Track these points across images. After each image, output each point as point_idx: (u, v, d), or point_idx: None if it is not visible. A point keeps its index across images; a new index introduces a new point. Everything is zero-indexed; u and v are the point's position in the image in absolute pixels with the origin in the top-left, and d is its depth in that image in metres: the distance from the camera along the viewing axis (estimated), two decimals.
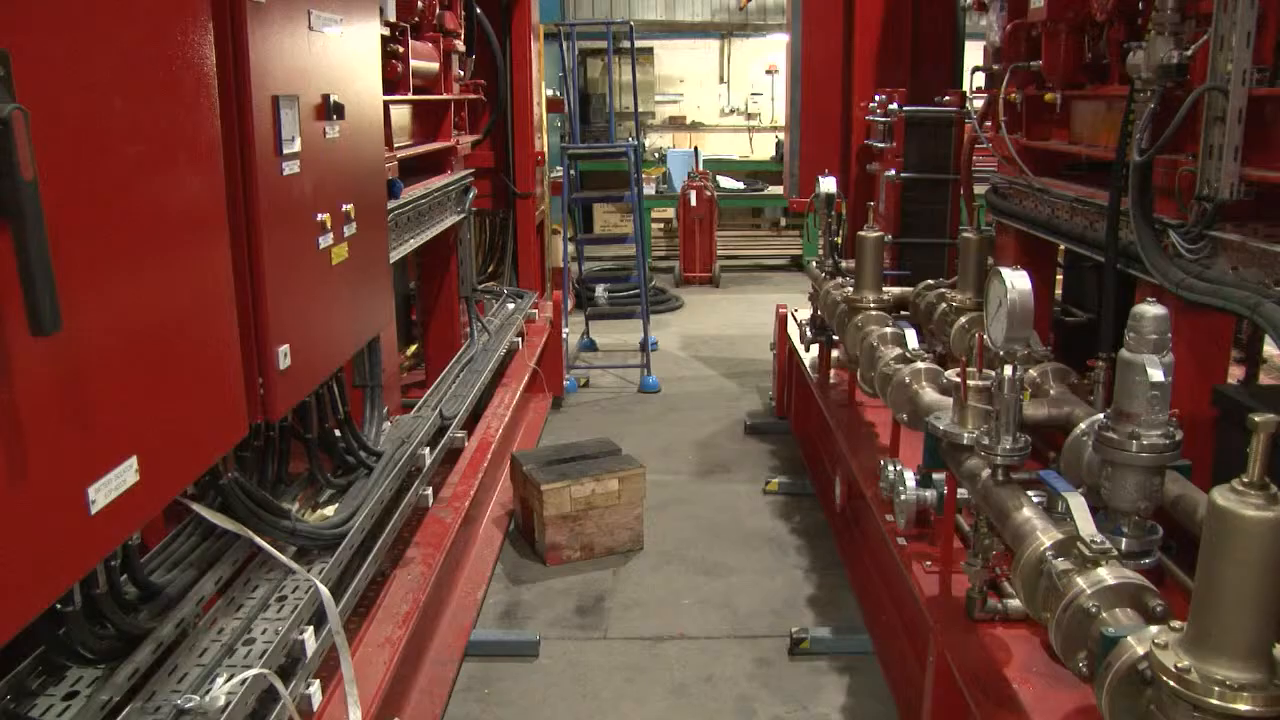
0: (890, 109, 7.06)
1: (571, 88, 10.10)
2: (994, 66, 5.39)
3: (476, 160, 7.85)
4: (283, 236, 2.99)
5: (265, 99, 2.84)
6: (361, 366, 4.36)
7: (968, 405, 3.48)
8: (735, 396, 8.91)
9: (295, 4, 3.07)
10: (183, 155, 2.38)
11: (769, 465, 7.23)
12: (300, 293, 3.15)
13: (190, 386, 2.44)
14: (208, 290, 2.53)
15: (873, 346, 4.85)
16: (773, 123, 18.33)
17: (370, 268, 3.92)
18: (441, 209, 6.22)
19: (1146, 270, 3.75)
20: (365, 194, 3.81)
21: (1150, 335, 2.90)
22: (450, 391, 5.77)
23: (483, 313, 7.54)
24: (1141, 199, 3.76)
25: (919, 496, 4.12)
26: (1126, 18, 4.21)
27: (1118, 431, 2.95)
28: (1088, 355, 4.38)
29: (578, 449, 6.12)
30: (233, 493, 3.05)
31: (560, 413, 8.51)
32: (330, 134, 3.36)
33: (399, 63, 5.21)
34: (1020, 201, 5.29)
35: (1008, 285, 3.47)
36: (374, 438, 4.37)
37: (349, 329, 3.72)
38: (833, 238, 6.49)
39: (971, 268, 5.27)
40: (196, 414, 2.48)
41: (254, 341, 2.85)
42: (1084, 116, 4.73)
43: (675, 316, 12.17)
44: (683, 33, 18.91)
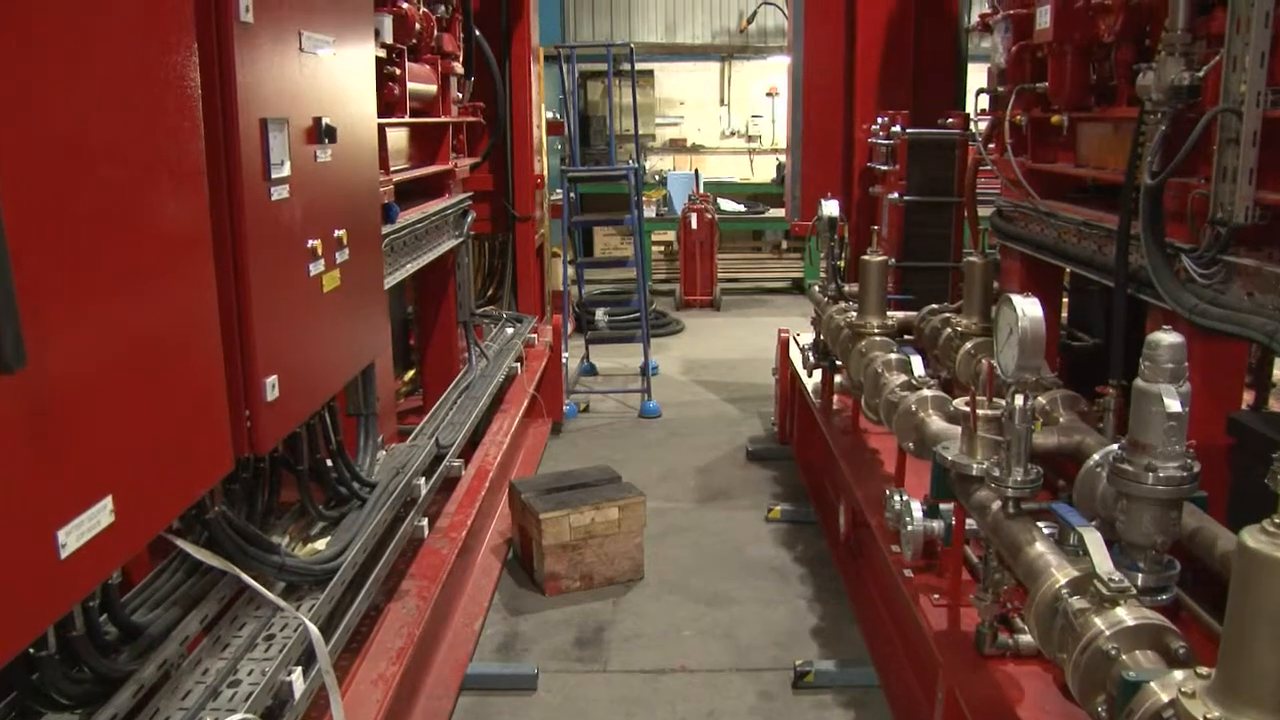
0: (893, 131, 6.99)
1: (571, 110, 10.06)
2: (998, 88, 5.31)
3: (475, 183, 7.77)
4: (271, 263, 2.90)
5: (253, 122, 2.76)
6: (355, 394, 4.27)
7: (977, 435, 3.38)
8: (736, 421, 8.81)
9: (285, 25, 2.99)
10: (164, 179, 2.29)
11: (771, 492, 7.13)
12: (289, 321, 3.06)
13: (171, 421, 2.35)
14: (190, 320, 2.44)
15: (877, 373, 4.76)
16: (773, 145, 18.28)
17: (364, 294, 3.83)
18: (439, 233, 6.14)
19: (1158, 296, 3.66)
20: (359, 219, 3.73)
21: (1166, 364, 2.82)
22: (447, 419, 5.68)
23: (481, 337, 7.46)
24: (1153, 223, 3.67)
25: (926, 528, 4.02)
26: (1134, 39, 4.14)
27: (1133, 463, 2.86)
28: (1094, 380, 4.30)
29: (577, 477, 6.03)
30: (220, 527, 2.95)
31: (560, 438, 8.41)
32: (322, 157, 3.28)
33: (395, 85, 5.14)
34: (1026, 225, 5.21)
35: (1019, 313, 3.38)
36: (368, 467, 4.27)
37: (341, 358, 3.63)
38: (835, 261, 6.41)
39: (977, 292, 5.19)
40: (178, 449, 2.39)
41: (240, 372, 2.75)
42: (1091, 139, 4.65)
43: (676, 340, 12.08)
44: (683, 55, 18.89)
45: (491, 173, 8.53)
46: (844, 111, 7.92)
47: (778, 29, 17.99)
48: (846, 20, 7.81)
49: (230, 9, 2.62)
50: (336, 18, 3.48)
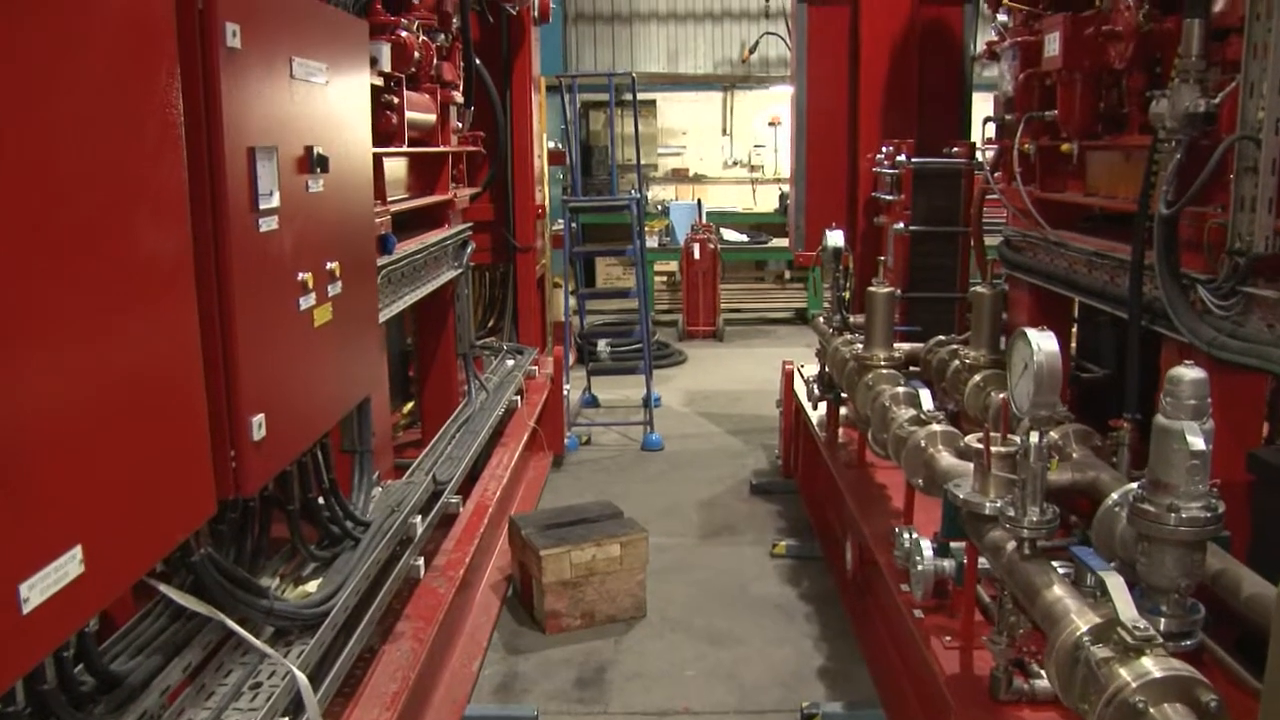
0: (898, 160, 6.91)
1: (573, 140, 9.99)
2: (1006, 117, 5.23)
3: (476, 213, 7.69)
4: (259, 297, 2.80)
5: (240, 150, 2.67)
6: (350, 430, 4.16)
7: (990, 473, 3.27)
8: (740, 454, 8.70)
9: (275, 52, 2.90)
10: (143, 209, 2.20)
11: (776, 527, 7.01)
12: (278, 357, 2.96)
13: (149, 464, 2.24)
14: (170, 357, 2.34)
15: (885, 407, 4.65)
16: (776, 175, 18.25)
17: (358, 328, 3.73)
18: (438, 264, 6.05)
19: (1173, 328, 3.57)
20: (353, 251, 3.63)
21: (1189, 400, 2.71)
22: (445, 453, 5.57)
23: (481, 369, 7.36)
24: (1168, 253, 3.58)
25: (937, 567, 3.90)
26: (1145, 66, 4.06)
27: (1154, 504, 2.75)
28: (1104, 411, 4.20)
29: (578, 512, 5.92)
30: (205, 570, 2.83)
31: (561, 471, 8.30)
32: (313, 188, 3.19)
33: (393, 114, 5.06)
34: (1034, 255, 5.12)
35: (1034, 347, 3.27)
36: (363, 505, 4.15)
37: (334, 394, 3.53)
38: (840, 292, 6.32)
39: (985, 324, 5.10)
40: (156, 493, 2.28)
41: (225, 411, 2.65)
42: (1101, 167, 4.57)
43: (679, 371, 11.98)
44: (685, 85, 18.89)
45: (492, 203, 8.45)
46: (848, 141, 7.86)
47: (779, 59, 17.98)
48: (850, 49, 7.76)
49: (216, 35, 2.53)
50: (330, 45, 3.40)
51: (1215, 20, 3.49)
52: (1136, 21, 3.93)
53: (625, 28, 18.97)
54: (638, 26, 18.97)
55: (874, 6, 7.60)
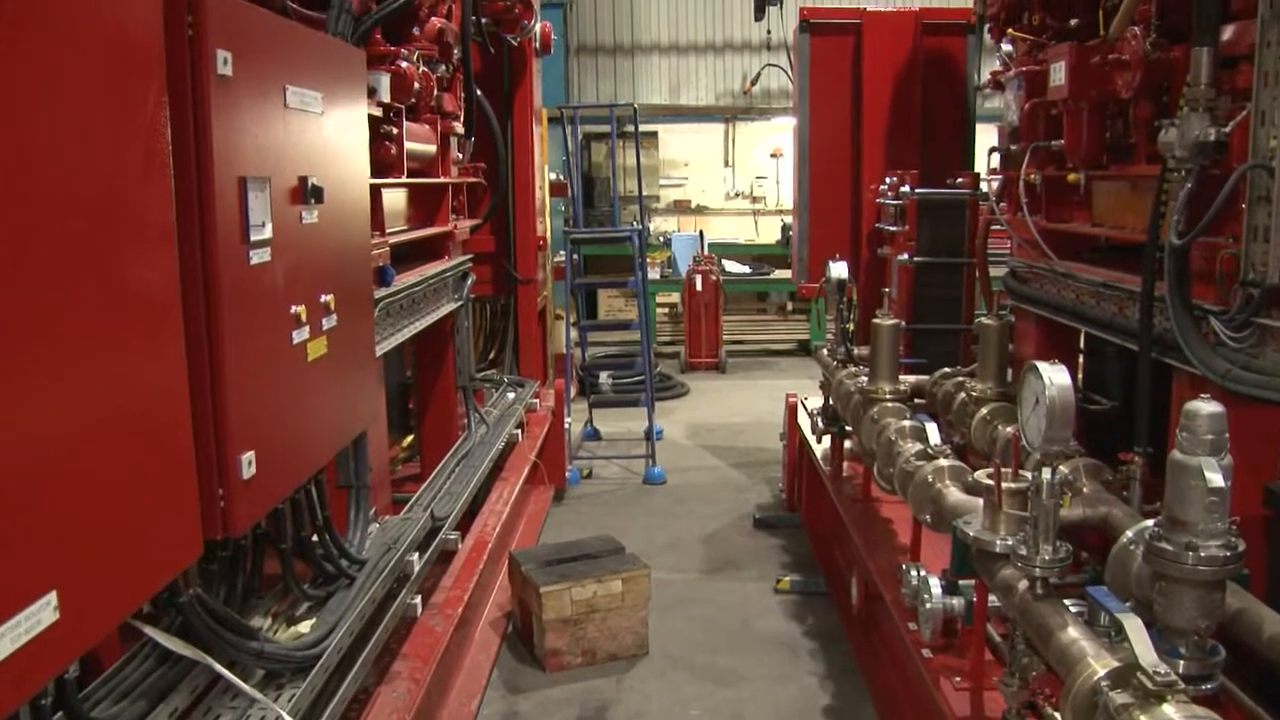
0: (902, 191, 6.87)
1: (575, 171, 9.96)
2: (1011, 147, 5.19)
3: (476, 245, 7.64)
4: (249, 331, 2.73)
5: (230, 180, 2.60)
6: (346, 466, 4.08)
7: (1000, 510, 3.19)
8: (743, 488, 8.60)
9: (268, 80, 2.84)
10: (128, 240, 2.13)
11: (780, 562, 6.91)
12: (269, 393, 2.88)
13: (131, 504, 2.16)
14: (154, 392, 2.26)
15: (891, 441, 4.57)
16: (778, 206, 18.22)
17: (353, 362, 3.66)
18: (438, 296, 5.99)
19: (1185, 360, 3.49)
20: (348, 283, 3.56)
21: (1206, 435, 2.64)
22: (444, 488, 5.48)
23: (482, 402, 7.29)
24: (1179, 284, 3.51)
25: (945, 605, 3.82)
26: (1153, 94, 4.00)
27: (1172, 542, 2.67)
28: (1112, 444, 4.12)
29: (579, 547, 5.83)
30: (193, 612, 2.75)
31: (562, 505, 8.21)
32: (308, 219, 3.12)
33: (392, 145, 5.01)
34: (1041, 286, 5.06)
35: (1046, 381, 3.20)
36: (358, 543, 4.07)
37: (328, 429, 3.44)
38: (844, 324, 6.25)
39: (992, 356, 5.04)
40: (139, 535, 2.20)
41: (213, 449, 2.56)
42: (1108, 197, 4.52)
43: (681, 403, 11.90)
44: (686, 116, 18.90)
45: (493, 234, 8.40)
46: (851, 172, 7.83)
47: (781, 90, 17.99)
48: (852, 80, 7.75)
49: (207, 61, 2.47)
50: (326, 73, 3.34)
51: (1224, 48, 3.44)
52: (1144, 50, 3.87)
53: (627, 60, 19.00)
54: (639, 59, 19.00)
55: (876, 36, 7.60)
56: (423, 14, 5.63)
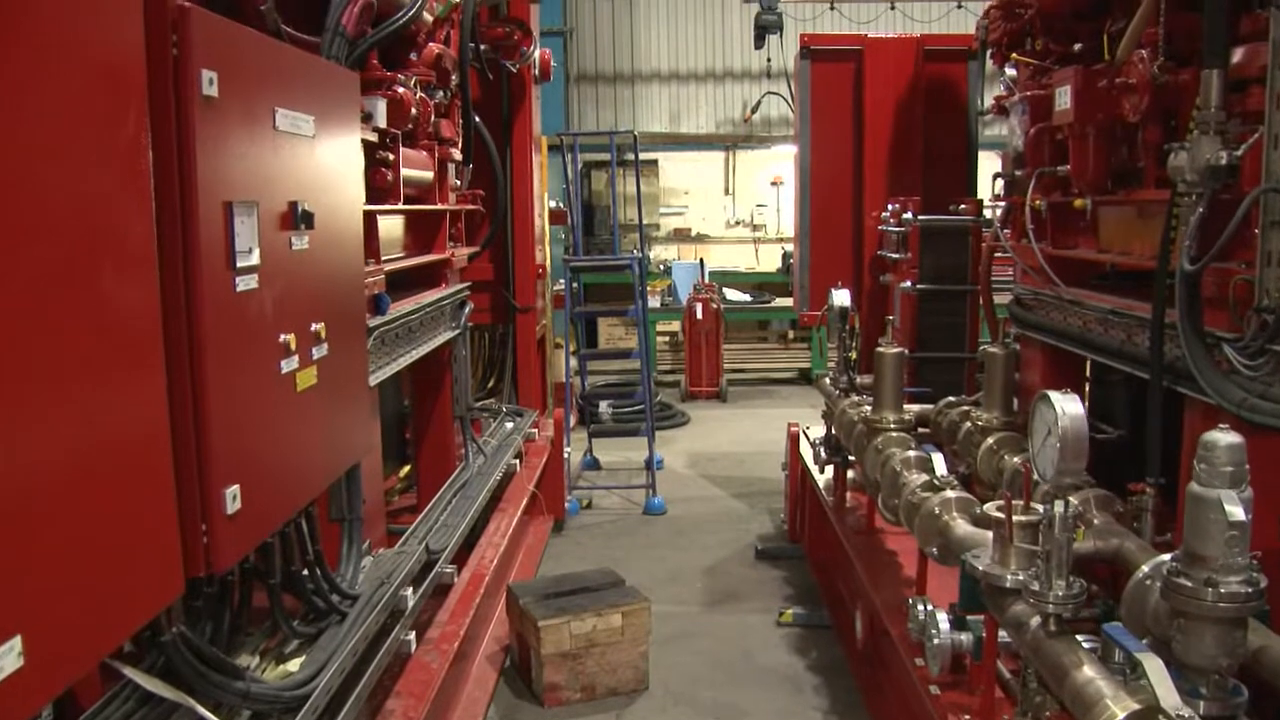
0: (904, 218, 6.80)
1: (575, 199, 9.91)
2: (1016, 172, 5.12)
3: (475, 273, 7.58)
4: (234, 360, 2.64)
5: (216, 205, 2.52)
6: (339, 498, 3.99)
7: (1011, 544, 3.10)
8: (745, 519, 8.50)
9: (257, 101, 2.77)
10: (105, 266, 2.05)
11: (782, 594, 6.80)
12: (256, 424, 2.79)
13: (105, 541, 2.07)
14: (133, 424, 2.18)
15: (896, 471, 4.49)
16: (778, 234, 18.20)
17: (345, 392, 3.57)
18: (435, 324, 5.91)
19: (1198, 388, 3.40)
20: (340, 311, 3.48)
21: (1225, 467, 2.56)
22: (440, 521, 5.38)
23: (479, 432, 7.20)
24: (1190, 311, 3.43)
25: (954, 641, 3.72)
26: (1160, 119, 3.93)
27: (1190, 577, 2.57)
28: (1120, 473, 4.03)
29: (578, 580, 5.73)
30: (176, 651, 2.65)
31: (562, 536, 8.11)
32: (298, 245, 3.04)
33: (389, 171, 4.93)
34: (1047, 313, 4.97)
35: (1059, 412, 3.12)
36: (351, 577, 3.97)
37: (319, 461, 3.35)
38: (847, 353, 6.17)
39: (998, 384, 4.96)
40: (114, 574, 2.10)
41: (195, 483, 2.47)
42: (1115, 223, 4.44)
43: (682, 433, 11.81)
44: (687, 145, 18.92)
45: (492, 262, 8.34)
46: (853, 199, 7.78)
47: (782, 118, 18.01)
48: (854, 107, 7.71)
49: (192, 81, 2.39)
50: (318, 96, 3.27)
51: (1234, 71, 3.38)
52: (1151, 73, 3.80)
53: (627, 88, 19.03)
54: (639, 87, 19.04)
55: (878, 63, 7.56)
56: (420, 40, 5.58)
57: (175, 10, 2.38)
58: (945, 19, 16.42)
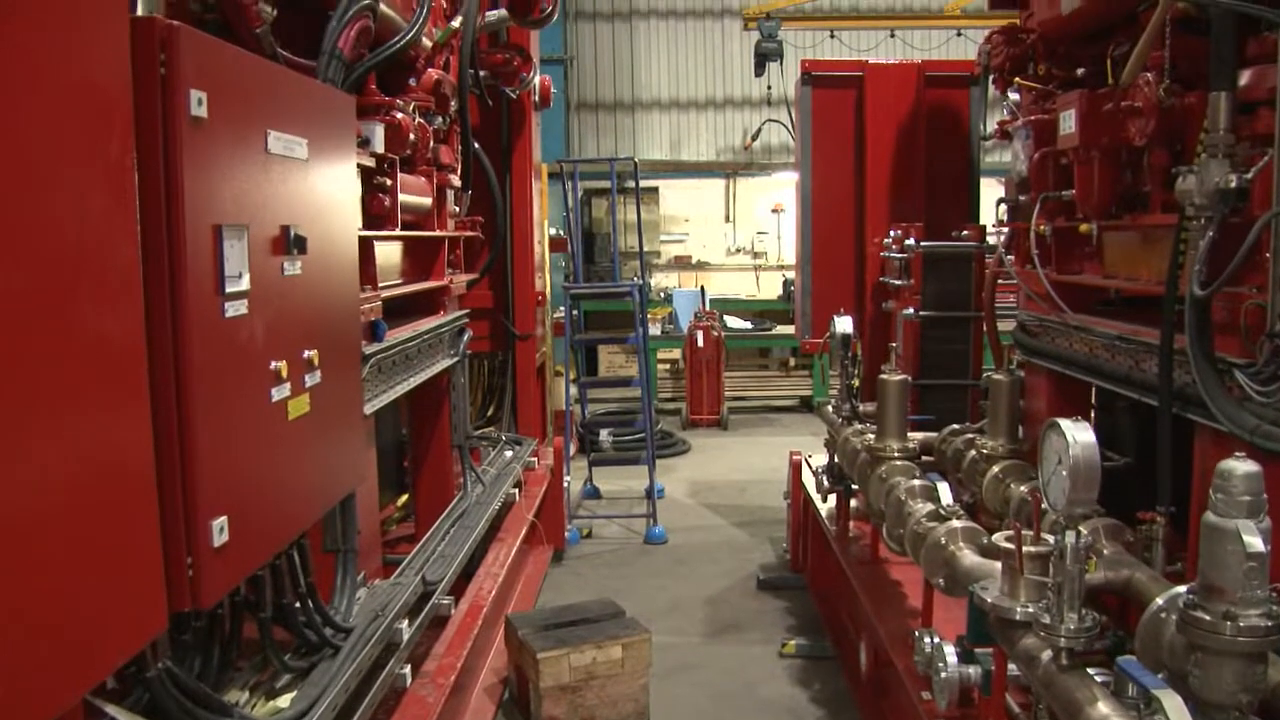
0: (907, 245, 6.75)
1: (575, 226, 9.88)
2: (1019, 197, 5.06)
3: (474, 300, 7.52)
4: (223, 388, 2.57)
5: (204, 228, 2.46)
6: (332, 528, 3.91)
7: (1020, 575, 3.02)
8: (746, 548, 8.41)
9: (248, 123, 2.71)
10: (86, 290, 1.99)
11: (785, 625, 6.71)
12: (245, 453, 2.72)
13: (83, 575, 2.00)
14: (113, 455, 2.11)
15: (900, 500, 4.41)
16: (779, 262, 18.18)
17: (339, 420, 3.50)
18: (433, 352, 5.84)
19: (1209, 415, 3.33)
20: (334, 337, 3.41)
21: (1242, 497, 2.48)
22: (437, 551, 5.29)
23: (478, 461, 7.12)
24: (1200, 337, 3.36)
25: (962, 674, 3.63)
26: (1167, 142, 3.88)
27: (1208, 610, 2.49)
28: (1127, 501, 3.95)
29: (578, 611, 5.64)
30: (162, 688, 2.58)
31: (561, 566, 8.02)
32: (290, 270, 2.98)
33: (386, 196, 4.88)
34: (1052, 340, 4.91)
35: (1069, 440, 3.04)
36: (345, 609, 3.89)
37: (311, 491, 3.28)
38: (849, 380, 6.11)
39: (1003, 412, 4.89)
40: (92, 609, 2.03)
41: (181, 515, 2.39)
42: (1120, 248, 4.38)
43: (683, 461, 11.72)
44: (687, 172, 18.93)
45: (491, 289, 8.29)
46: (854, 226, 7.71)
47: (782, 146, 18.03)
48: (855, 132, 7.66)
49: (180, 101, 2.33)
50: (312, 119, 3.22)
51: (1241, 94, 3.32)
52: (1158, 96, 3.75)
53: (627, 116, 19.06)
54: (640, 115, 19.07)
55: (879, 88, 7.52)
56: (419, 65, 5.55)
57: (164, 29, 2.33)
58: (945, 46, 16.47)
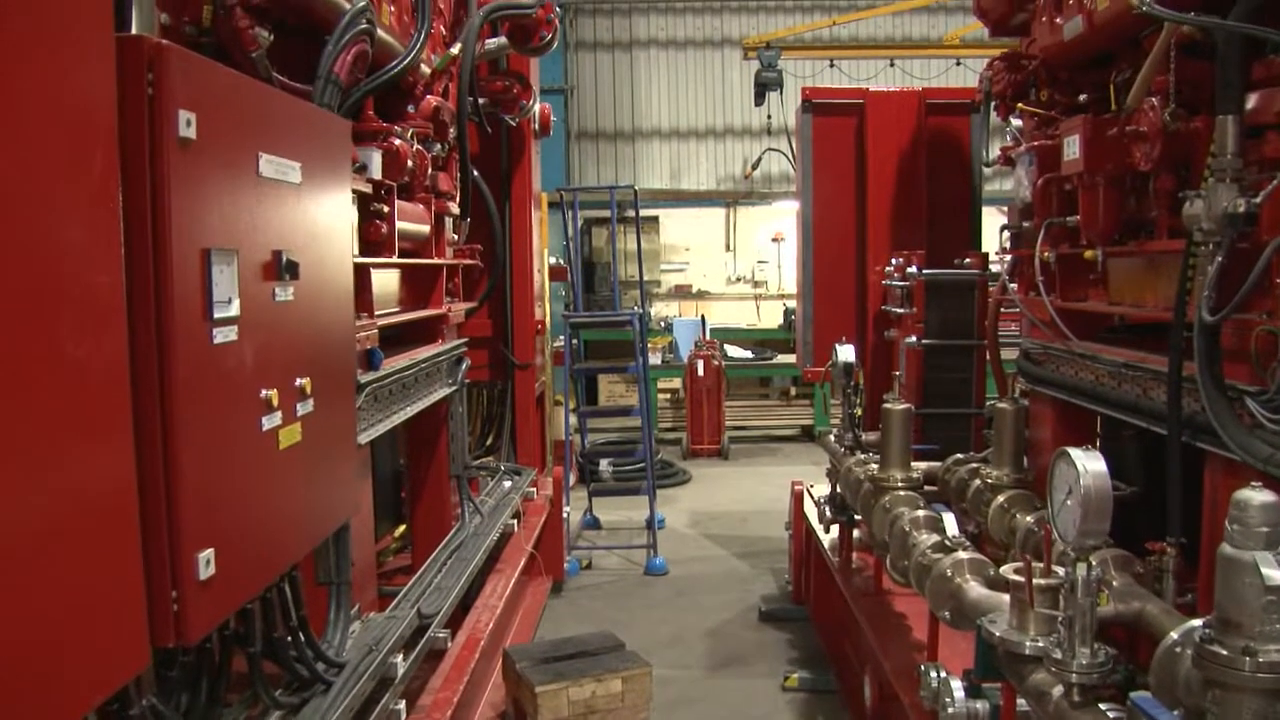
0: (909, 272, 6.70)
1: (575, 255, 9.84)
2: (1023, 224, 5.01)
3: (473, 329, 7.46)
4: (210, 416, 2.50)
5: (192, 252, 2.39)
6: (326, 560, 3.83)
7: (1031, 608, 2.95)
8: (748, 579, 8.34)
9: (239, 145, 2.66)
10: (66, 314, 1.92)
11: (787, 657, 6.63)
12: (233, 484, 2.64)
13: (60, 610, 1.92)
14: (93, 484, 2.03)
15: (905, 531, 4.34)
16: (779, 291, 18.16)
17: (332, 450, 3.42)
18: (430, 381, 5.77)
19: (1220, 443, 3.26)
20: (327, 365, 3.34)
21: (1259, 528, 2.40)
22: (434, 583, 5.20)
23: (476, 491, 7.04)
24: (1210, 364, 3.29)
25: (969, 710, 3.54)
26: (1173, 167, 3.83)
27: (1225, 645, 2.41)
28: (1135, 531, 3.88)
29: (577, 644, 5.57)
30: None
31: (560, 597, 7.94)
32: (282, 296, 2.91)
33: (384, 223, 4.83)
34: (1057, 368, 4.84)
35: (1080, 470, 2.97)
36: (338, 643, 3.80)
37: (302, 523, 3.20)
38: (851, 410, 6.04)
39: (1008, 441, 4.83)
40: (67, 646, 1.95)
41: (165, 547, 2.31)
42: (1126, 274, 4.32)
43: (683, 491, 11.65)
44: (687, 201, 18.93)
45: (490, 318, 8.24)
46: (856, 253, 7.68)
47: (782, 175, 18.04)
48: (856, 160, 7.63)
49: (167, 121, 2.27)
50: (306, 142, 3.16)
51: (1249, 117, 3.28)
52: (1163, 121, 3.71)
53: (628, 145, 19.09)
54: (640, 144, 19.10)
55: (880, 116, 7.50)
56: (418, 92, 5.51)
57: (152, 48, 2.27)
58: (944, 75, 16.49)
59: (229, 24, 3.40)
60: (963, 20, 17.45)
